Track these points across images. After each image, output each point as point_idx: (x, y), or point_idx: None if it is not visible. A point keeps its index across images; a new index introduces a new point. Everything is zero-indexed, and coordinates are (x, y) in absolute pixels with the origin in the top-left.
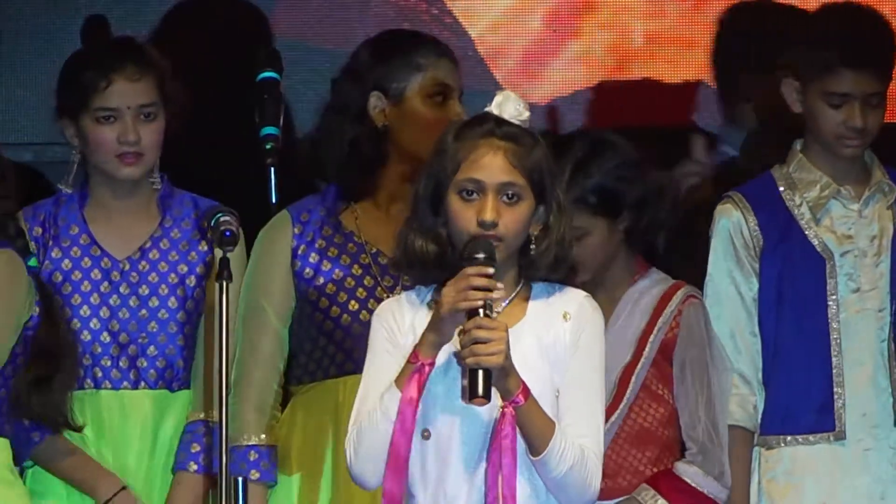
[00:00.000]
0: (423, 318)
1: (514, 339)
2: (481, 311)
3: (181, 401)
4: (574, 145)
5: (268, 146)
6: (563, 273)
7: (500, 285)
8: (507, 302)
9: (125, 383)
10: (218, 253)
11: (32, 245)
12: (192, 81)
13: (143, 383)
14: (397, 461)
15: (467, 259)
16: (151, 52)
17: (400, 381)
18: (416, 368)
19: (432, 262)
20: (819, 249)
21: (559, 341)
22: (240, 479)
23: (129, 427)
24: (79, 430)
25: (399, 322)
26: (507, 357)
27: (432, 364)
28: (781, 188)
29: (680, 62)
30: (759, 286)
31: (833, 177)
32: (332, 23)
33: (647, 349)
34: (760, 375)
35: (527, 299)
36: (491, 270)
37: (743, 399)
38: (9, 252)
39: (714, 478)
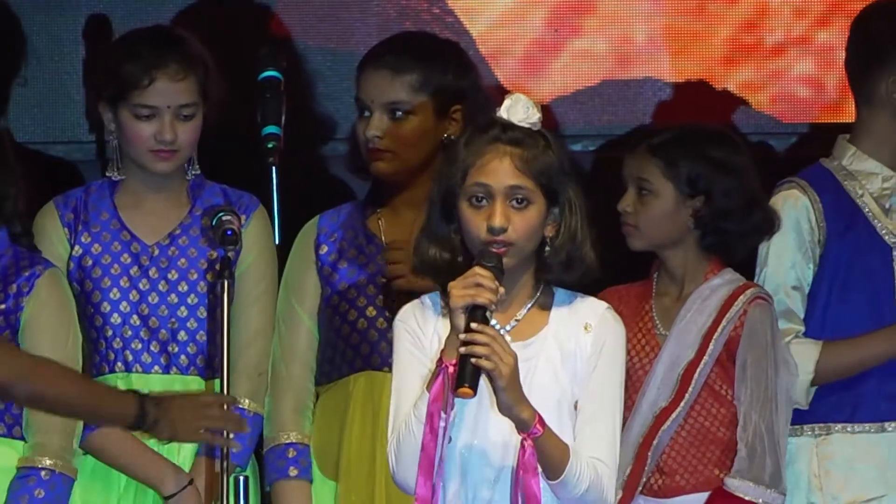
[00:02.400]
0: (446, 323)
1: (537, 347)
2: (488, 312)
3: (212, 389)
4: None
5: (269, 145)
6: (577, 274)
7: (502, 289)
8: (527, 308)
9: (156, 367)
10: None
11: (65, 231)
12: None
13: (174, 368)
14: (428, 463)
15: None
16: (196, 49)
17: (430, 384)
18: (440, 370)
19: (446, 268)
20: (887, 239)
21: (580, 352)
22: (241, 477)
23: None
24: None
25: (423, 326)
26: (516, 380)
27: (455, 364)
28: (841, 179)
29: (682, 61)
30: (821, 273)
31: (893, 169)
32: (332, 22)
33: (710, 347)
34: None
35: (548, 307)
36: (501, 289)
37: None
38: (52, 271)
39: (766, 486)
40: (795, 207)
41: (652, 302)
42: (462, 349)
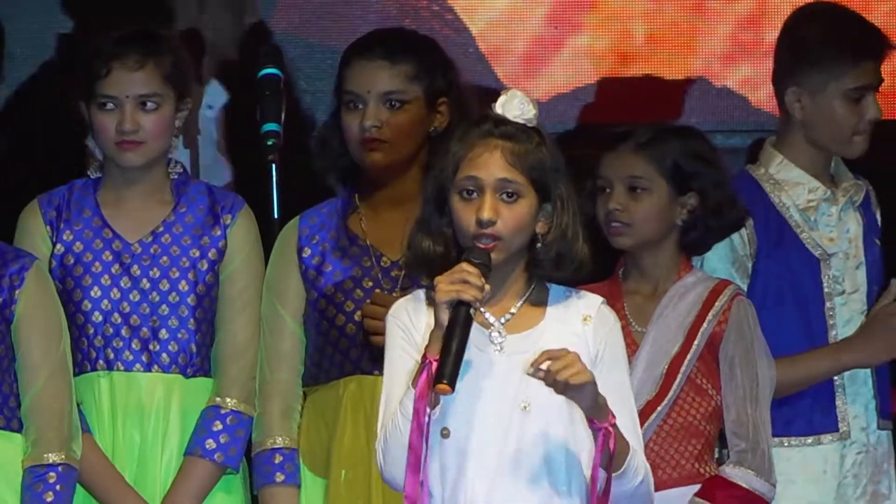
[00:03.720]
0: None
1: (536, 340)
2: (472, 309)
3: (194, 388)
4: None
5: (269, 143)
6: (568, 271)
7: (488, 287)
8: (521, 302)
9: (137, 365)
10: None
11: (48, 228)
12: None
13: (155, 366)
14: (415, 460)
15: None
16: (164, 42)
17: (414, 380)
18: (424, 366)
19: (440, 262)
20: (815, 252)
21: (581, 344)
22: None
23: (141, 410)
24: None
25: (415, 321)
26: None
27: (438, 359)
28: (768, 190)
29: (681, 59)
30: (752, 288)
31: (817, 178)
32: (333, 19)
33: (696, 341)
34: None
35: (544, 301)
36: (486, 286)
37: None
38: (39, 263)
39: (765, 478)
40: None
41: (623, 300)
42: (560, 381)
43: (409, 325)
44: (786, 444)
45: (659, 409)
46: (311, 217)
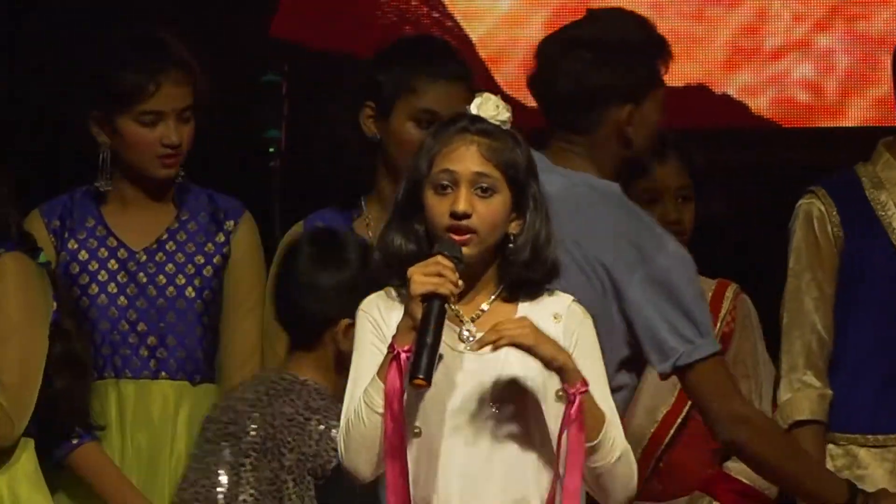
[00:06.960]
0: None
1: None
2: (446, 304)
3: (201, 394)
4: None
5: (270, 149)
6: (539, 273)
7: (461, 283)
8: (491, 299)
9: (145, 372)
10: None
11: (52, 237)
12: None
13: (163, 373)
14: (394, 451)
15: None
16: (186, 53)
17: (381, 372)
18: (393, 357)
19: (411, 260)
20: None
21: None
22: None
23: (149, 417)
24: (101, 429)
25: (385, 317)
26: (541, 334)
27: (409, 351)
28: (867, 186)
29: (681, 65)
30: (838, 283)
31: None
32: (332, 25)
33: None
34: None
35: (514, 301)
36: (460, 281)
37: (822, 395)
38: (15, 254)
39: None
40: (813, 218)
41: None
42: (502, 342)
43: (380, 322)
44: None
45: (680, 417)
46: (315, 222)
